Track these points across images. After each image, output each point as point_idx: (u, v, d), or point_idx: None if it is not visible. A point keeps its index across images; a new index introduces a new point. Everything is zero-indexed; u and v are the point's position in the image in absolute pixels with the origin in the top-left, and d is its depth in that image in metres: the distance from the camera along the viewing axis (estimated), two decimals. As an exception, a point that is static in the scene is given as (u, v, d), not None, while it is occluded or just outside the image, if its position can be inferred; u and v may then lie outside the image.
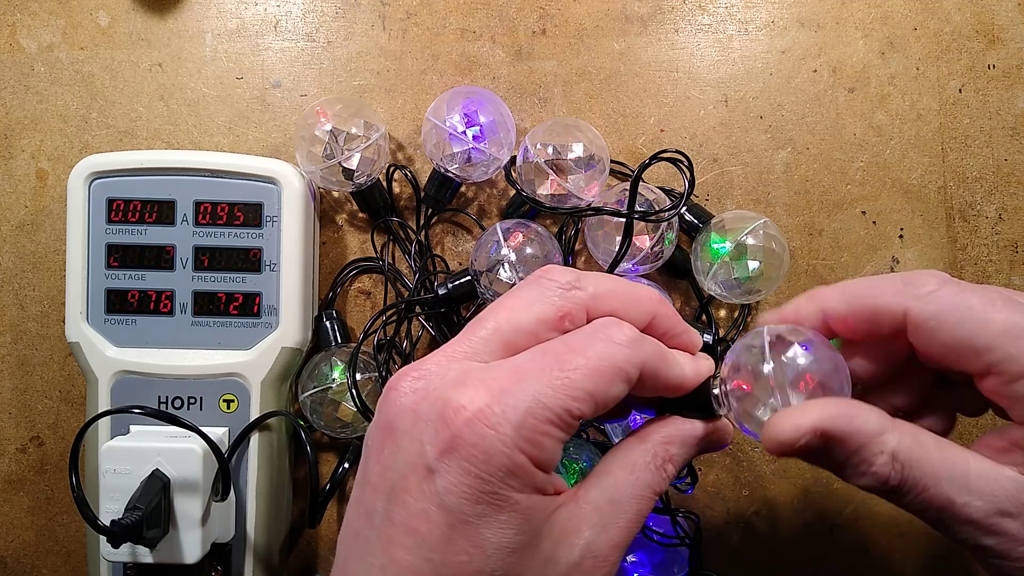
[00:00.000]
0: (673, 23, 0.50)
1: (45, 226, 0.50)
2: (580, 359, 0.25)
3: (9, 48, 0.50)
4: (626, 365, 0.26)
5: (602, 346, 0.26)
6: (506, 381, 0.25)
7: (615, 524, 0.26)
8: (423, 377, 0.26)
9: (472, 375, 0.25)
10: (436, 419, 0.24)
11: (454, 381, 0.25)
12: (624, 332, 0.27)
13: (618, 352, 0.26)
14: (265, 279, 0.45)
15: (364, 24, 0.50)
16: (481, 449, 0.23)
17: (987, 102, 0.49)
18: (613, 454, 0.28)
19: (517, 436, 0.24)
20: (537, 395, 0.24)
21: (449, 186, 0.47)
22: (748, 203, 0.49)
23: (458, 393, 0.24)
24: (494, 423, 0.24)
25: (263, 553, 0.45)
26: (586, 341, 0.26)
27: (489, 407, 0.24)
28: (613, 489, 0.27)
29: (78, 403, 0.49)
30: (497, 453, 0.23)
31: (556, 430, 0.25)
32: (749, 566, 0.48)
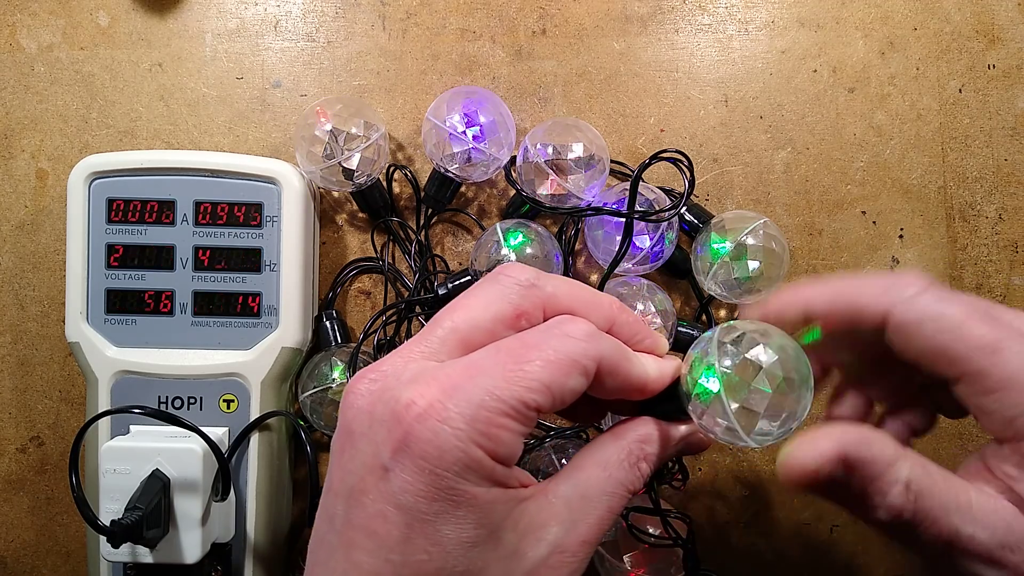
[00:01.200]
0: (673, 23, 0.50)
1: (45, 226, 0.50)
2: (534, 352, 0.25)
3: (9, 48, 0.50)
4: (582, 358, 0.26)
5: (557, 340, 0.26)
6: (459, 377, 0.24)
7: (584, 520, 0.26)
8: (379, 379, 0.26)
9: (426, 373, 0.25)
10: (389, 418, 0.24)
11: (408, 379, 0.25)
12: (580, 327, 0.26)
13: (573, 345, 0.26)
14: (265, 279, 0.45)
15: (364, 24, 0.50)
16: (434, 445, 0.23)
17: (987, 102, 0.49)
18: (587, 450, 0.28)
19: (471, 429, 0.23)
20: (491, 388, 0.24)
21: (449, 186, 0.47)
22: (748, 203, 0.49)
23: (410, 390, 0.24)
24: (446, 417, 0.23)
25: (263, 553, 0.45)
26: (541, 336, 0.26)
27: (441, 402, 0.24)
28: (585, 485, 0.27)
29: (78, 403, 0.49)
30: (451, 448, 0.23)
31: (512, 422, 0.24)
32: (749, 566, 0.48)
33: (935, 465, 0.26)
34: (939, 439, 0.49)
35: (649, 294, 0.45)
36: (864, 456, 0.25)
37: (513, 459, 0.25)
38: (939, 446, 0.49)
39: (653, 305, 0.44)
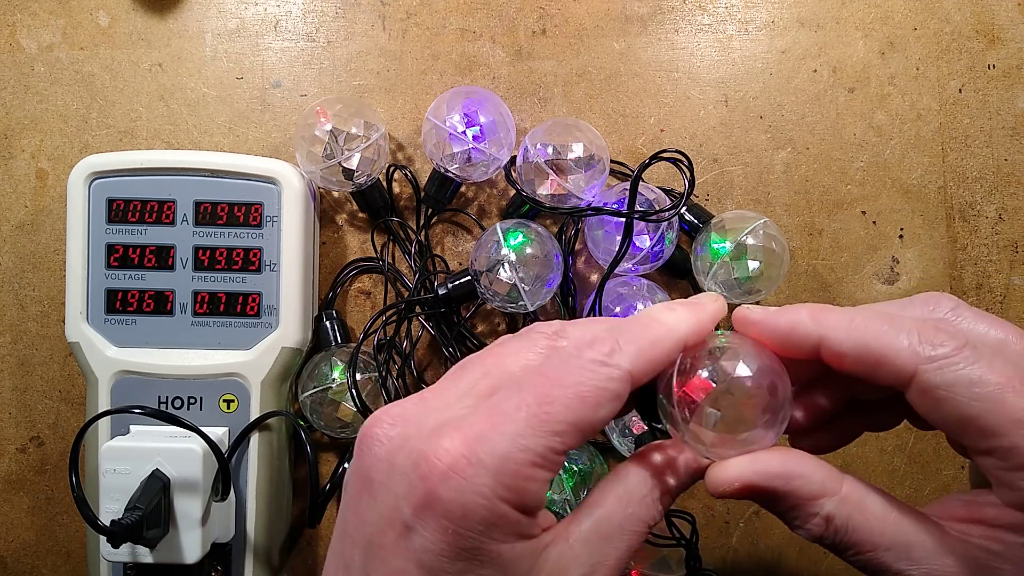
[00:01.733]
0: (673, 23, 0.50)
1: (45, 226, 0.50)
2: (557, 390, 0.24)
3: (9, 48, 0.50)
4: (609, 383, 0.24)
5: (579, 370, 0.24)
6: (483, 426, 0.23)
7: (604, 562, 0.25)
8: (398, 424, 0.25)
9: (449, 423, 0.24)
10: (411, 472, 0.23)
11: (431, 430, 0.24)
12: (603, 348, 0.25)
13: (596, 373, 0.24)
14: (265, 279, 0.45)
15: (364, 24, 0.50)
16: (458, 504, 0.22)
17: (987, 102, 0.49)
18: (608, 483, 0.27)
19: (497, 484, 0.22)
20: (515, 437, 0.23)
21: (449, 186, 0.47)
22: (748, 203, 0.49)
23: (433, 444, 0.23)
24: (471, 475, 0.22)
25: (263, 553, 0.45)
26: (562, 368, 0.24)
27: (465, 457, 0.22)
28: (605, 524, 0.26)
29: (78, 403, 0.49)
30: (475, 507, 0.22)
31: (540, 472, 0.23)
32: (749, 566, 0.48)
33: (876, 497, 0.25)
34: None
35: (649, 294, 0.45)
36: (783, 491, 0.25)
37: (541, 507, 0.24)
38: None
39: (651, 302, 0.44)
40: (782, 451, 0.26)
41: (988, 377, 0.23)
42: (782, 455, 0.26)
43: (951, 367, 0.23)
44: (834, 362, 0.26)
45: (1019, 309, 0.49)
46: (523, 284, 0.43)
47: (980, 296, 0.49)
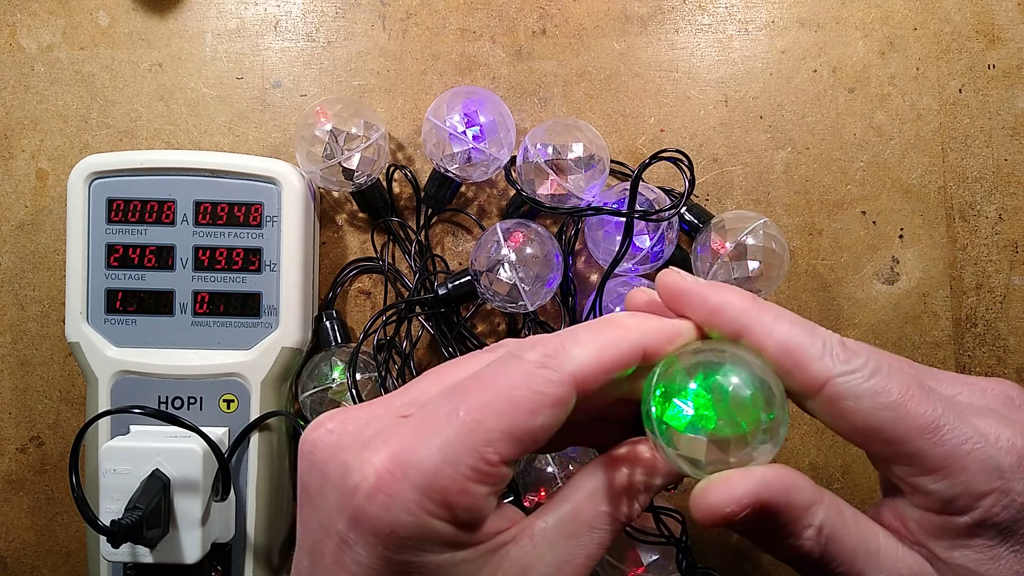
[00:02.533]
0: (673, 23, 0.50)
1: (45, 226, 0.50)
2: (490, 394, 0.22)
3: (9, 48, 0.50)
4: (547, 387, 0.22)
5: (514, 374, 0.22)
6: (411, 437, 0.22)
7: (571, 561, 0.24)
8: (336, 431, 0.24)
9: (379, 436, 0.23)
10: (340, 486, 0.22)
11: (363, 442, 0.23)
12: (543, 349, 0.23)
13: (534, 376, 0.22)
14: (265, 279, 0.45)
15: (364, 24, 0.50)
16: (384, 522, 0.21)
17: (987, 102, 0.49)
18: (579, 478, 0.25)
19: (424, 500, 0.21)
20: (443, 449, 0.21)
21: (449, 186, 0.47)
22: (748, 203, 0.49)
23: (359, 459, 0.22)
24: (396, 491, 0.21)
25: (263, 553, 0.45)
26: (498, 371, 0.23)
27: (390, 473, 0.21)
28: (573, 521, 0.24)
29: (78, 403, 0.49)
30: (403, 524, 0.21)
31: (475, 485, 0.22)
32: (749, 565, 0.48)
33: (847, 506, 0.25)
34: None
35: (649, 294, 0.45)
36: (782, 502, 0.23)
37: (481, 519, 0.23)
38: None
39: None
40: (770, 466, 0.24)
41: (891, 388, 0.23)
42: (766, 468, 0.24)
43: (859, 380, 0.23)
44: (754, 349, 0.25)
45: (1019, 309, 0.49)
46: (523, 284, 0.43)
47: (980, 296, 0.49)
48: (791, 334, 0.24)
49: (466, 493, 0.22)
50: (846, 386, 0.23)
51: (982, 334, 0.49)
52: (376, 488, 0.22)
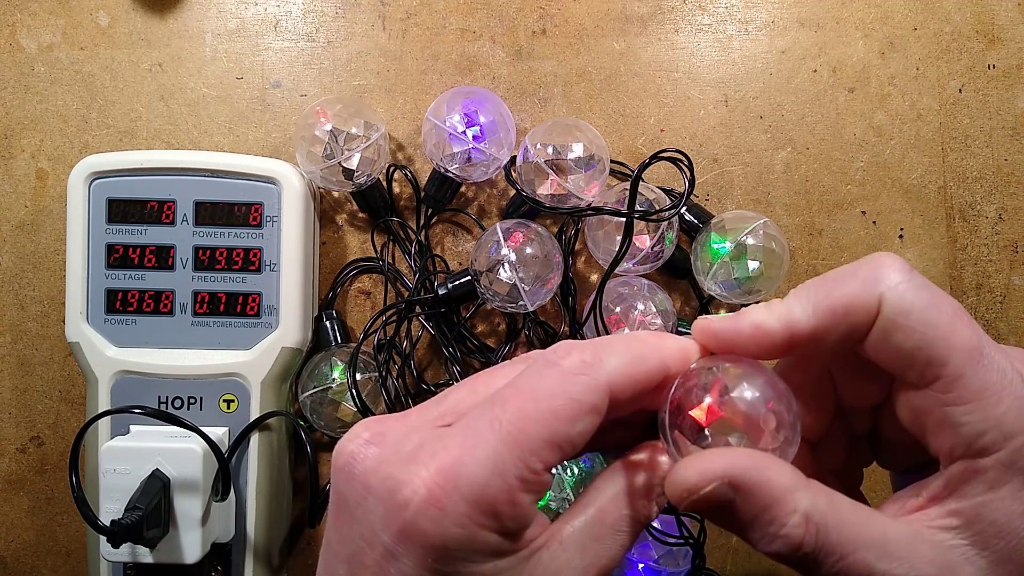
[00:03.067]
0: (673, 23, 0.50)
1: (45, 226, 0.50)
2: (530, 404, 0.23)
3: (9, 48, 0.50)
4: (585, 396, 0.23)
5: (553, 381, 0.23)
6: (458, 450, 0.22)
7: (598, 563, 0.24)
8: (375, 442, 0.24)
9: (425, 447, 0.23)
10: (387, 500, 0.23)
11: (407, 455, 0.23)
12: (579, 356, 0.23)
13: (574, 384, 0.23)
14: (265, 279, 0.45)
15: (364, 24, 0.50)
16: (435, 535, 0.22)
17: (987, 102, 0.49)
18: (601, 483, 0.26)
19: (474, 512, 0.22)
20: (491, 460, 0.22)
21: (449, 186, 0.47)
22: (748, 203, 0.49)
23: (408, 473, 0.22)
24: (446, 505, 0.22)
25: (263, 553, 0.45)
26: (535, 379, 0.23)
27: (441, 487, 0.22)
28: (598, 525, 0.25)
29: (78, 403, 0.49)
30: (453, 536, 0.22)
31: (521, 494, 0.22)
32: (749, 565, 0.48)
33: (842, 496, 0.24)
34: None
35: (649, 294, 0.45)
36: (754, 480, 0.23)
37: (526, 526, 0.23)
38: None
39: (653, 305, 0.44)
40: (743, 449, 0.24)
41: (941, 305, 0.23)
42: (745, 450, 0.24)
43: (910, 293, 0.23)
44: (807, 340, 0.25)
45: (1019, 309, 0.49)
46: (523, 284, 0.43)
47: (980, 296, 0.49)
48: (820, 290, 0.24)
49: (514, 503, 0.22)
50: (900, 299, 0.23)
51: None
52: (427, 503, 0.22)
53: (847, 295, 0.24)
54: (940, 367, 0.23)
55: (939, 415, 0.23)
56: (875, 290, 0.24)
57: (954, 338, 0.23)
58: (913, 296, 0.23)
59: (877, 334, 0.24)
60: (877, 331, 0.24)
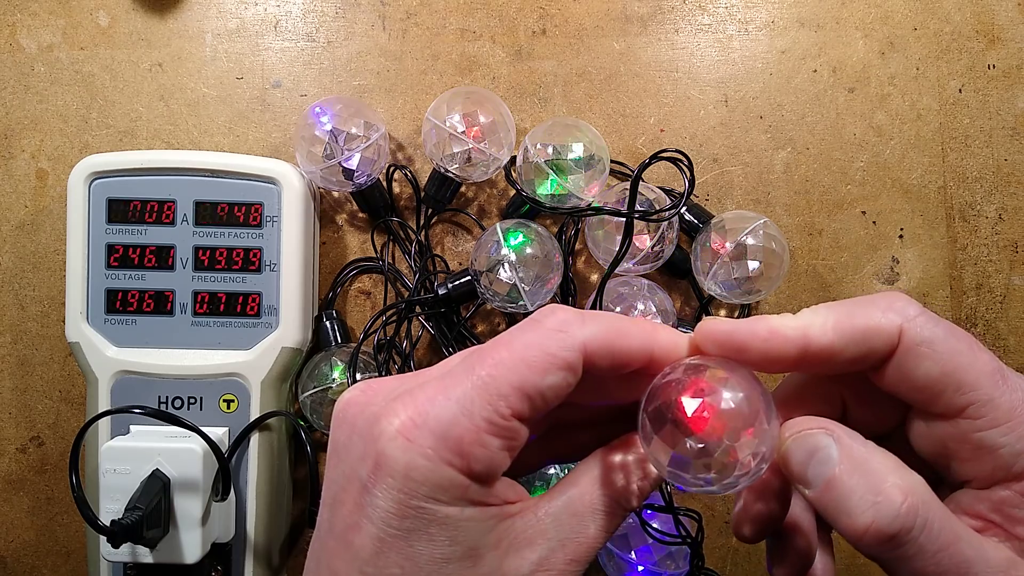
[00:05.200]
0: (673, 23, 0.50)
1: (45, 226, 0.50)
2: (505, 353, 0.24)
3: (9, 48, 0.50)
4: (559, 350, 0.24)
5: (530, 334, 0.24)
6: (433, 390, 0.24)
7: (574, 539, 0.25)
8: (367, 392, 0.26)
9: (407, 392, 0.24)
10: (366, 435, 0.24)
11: (391, 398, 0.24)
12: (560, 315, 0.24)
13: (548, 337, 0.24)
14: (265, 279, 0.45)
15: (364, 24, 0.50)
16: (402, 464, 0.23)
17: (987, 102, 0.49)
18: (584, 464, 0.27)
19: (440, 446, 0.23)
20: (461, 400, 0.23)
21: (449, 186, 0.47)
22: (748, 203, 0.49)
23: (387, 409, 0.24)
24: (415, 437, 0.23)
25: (263, 553, 0.45)
26: (514, 333, 0.24)
27: (412, 420, 0.23)
28: (577, 502, 0.25)
29: (78, 403, 0.49)
30: (419, 468, 0.23)
31: (489, 437, 0.23)
32: (749, 566, 0.48)
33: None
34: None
35: (649, 294, 0.45)
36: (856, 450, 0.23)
37: (494, 474, 0.24)
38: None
39: (653, 305, 0.44)
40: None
41: (958, 334, 0.24)
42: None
43: (930, 324, 0.24)
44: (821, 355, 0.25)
45: (1019, 309, 0.49)
46: (523, 284, 0.43)
47: (980, 296, 0.49)
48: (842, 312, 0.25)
49: (480, 444, 0.23)
50: (921, 329, 0.24)
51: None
52: (399, 432, 0.23)
53: (869, 319, 0.24)
54: (970, 391, 0.23)
55: (974, 441, 0.24)
56: (896, 320, 0.24)
57: (979, 364, 0.23)
58: (934, 326, 0.24)
59: (899, 365, 0.24)
60: (899, 361, 0.24)
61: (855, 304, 0.25)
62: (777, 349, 0.25)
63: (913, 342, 0.24)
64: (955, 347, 0.24)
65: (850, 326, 0.24)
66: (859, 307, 0.25)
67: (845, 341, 0.24)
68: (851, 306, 0.25)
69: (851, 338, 0.24)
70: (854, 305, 0.25)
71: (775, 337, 0.25)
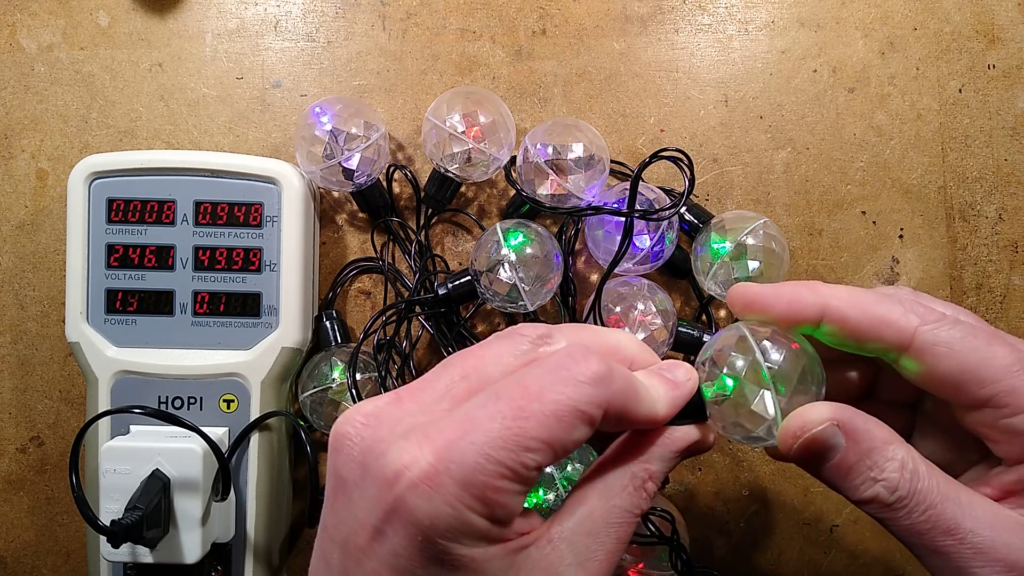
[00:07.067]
0: (673, 23, 0.50)
1: (45, 226, 0.50)
2: (535, 404, 0.23)
3: (9, 48, 0.50)
4: (588, 407, 0.24)
5: (561, 386, 0.24)
6: (453, 433, 0.23)
7: (593, 558, 0.25)
8: (370, 424, 0.25)
9: (419, 429, 0.24)
10: (380, 477, 0.23)
11: (401, 434, 0.24)
12: (590, 367, 0.24)
13: (577, 392, 0.24)
14: (265, 279, 0.45)
15: (364, 24, 0.50)
16: (425, 513, 0.22)
17: (987, 102, 0.49)
18: (588, 480, 0.27)
19: (463, 494, 0.22)
20: (485, 448, 0.22)
21: (449, 186, 0.47)
22: (748, 203, 0.49)
23: (401, 451, 0.23)
24: (437, 484, 0.22)
25: (263, 553, 0.45)
26: (544, 380, 0.24)
27: (433, 466, 0.22)
28: (588, 520, 0.25)
29: (78, 403, 0.49)
30: (443, 515, 0.22)
31: (510, 484, 0.23)
32: (749, 566, 0.48)
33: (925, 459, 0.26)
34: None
35: (649, 294, 0.45)
36: (859, 427, 0.26)
37: (513, 517, 0.24)
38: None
39: (653, 305, 0.44)
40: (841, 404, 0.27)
41: (977, 332, 0.26)
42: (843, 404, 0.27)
43: (947, 326, 0.26)
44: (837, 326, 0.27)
45: (1019, 309, 0.49)
46: (523, 284, 0.43)
47: (980, 296, 0.49)
48: (866, 299, 0.27)
49: (503, 491, 0.23)
50: (937, 333, 0.26)
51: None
52: (419, 480, 0.22)
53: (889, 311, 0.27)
54: (991, 384, 0.25)
55: (1001, 427, 0.26)
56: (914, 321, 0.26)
57: (997, 358, 0.26)
58: (951, 328, 0.26)
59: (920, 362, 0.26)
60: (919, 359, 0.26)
61: (882, 293, 0.28)
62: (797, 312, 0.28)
63: (929, 343, 0.26)
64: (972, 345, 0.26)
65: (871, 311, 0.27)
66: (885, 299, 0.27)
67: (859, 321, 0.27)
68: (878, 295, 0.27)
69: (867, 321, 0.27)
70: (881, 295, 0.27)
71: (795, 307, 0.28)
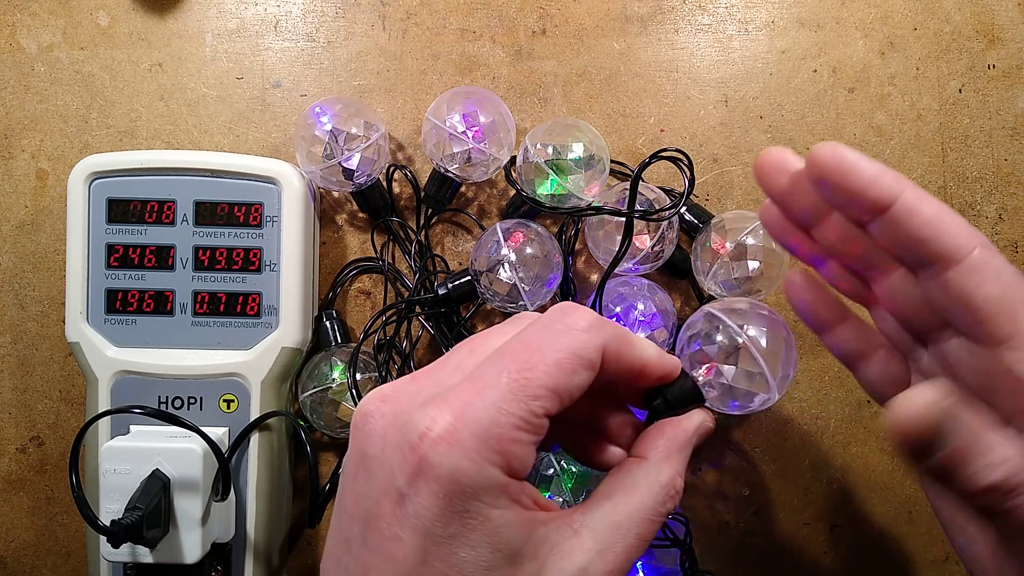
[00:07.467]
0: (673, 23, 0.50)
1: (45, 226, 0.50)
2: (536, 355, 0.25)
3: (9, 48, 0.50)
4: (586, 352, 0.26)
5: (559, 337, 0.26)
6: (467, 394, 0.25)
7: (612, 549, 0.26)
8: (389, 401, 0.26)
9: (437, 396, 0.25)
10: (403, 444, 0.24)
11: (420, 403, 0.25)
12: (583, 317, 0.27)
13: (576, 340, 0.26)
14: (265, 279, 0.45)
15: (364, 24, 0.50)
16: (447, 468, 0.23)
17: (987, 102, 0.49)
18: (614, 475, 0.28)
19: (483, 447, 0.24)
20: (498, 402, 0.24)
21: (449, 186, 0.47)
22: (748, 203, 0.49)
23: (422, 415, 0.24)
24: (458, 439, 0.24)
25: (263, 553, 0.45)
26: (542, 335, 0.26)
27: (452, 424, 0.24)
28: (612, 513, 0.26)
29: (78, 403, 0.49)
30: (464, 469, 0.23)
31: (524, 434, 0.25)
32: (749, 566, 0.48)
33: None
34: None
35: (649, 294, 0.45)
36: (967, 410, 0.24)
37: (527, 469, 0.25)
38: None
39: (653, 305, 0.44)
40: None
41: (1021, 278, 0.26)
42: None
43: (1001, 257, 0.26)
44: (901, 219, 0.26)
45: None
46: (523, 284, 0.43)
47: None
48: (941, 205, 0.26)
49: (517, 441, 0.24)
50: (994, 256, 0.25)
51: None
52: (441, 438, 0.24)
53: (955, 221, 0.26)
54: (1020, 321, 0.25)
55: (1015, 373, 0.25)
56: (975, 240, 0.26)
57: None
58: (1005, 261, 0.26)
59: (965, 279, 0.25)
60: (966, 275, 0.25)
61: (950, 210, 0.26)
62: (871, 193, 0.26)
63: (984, 261, 0.25)
64: (1018, 281, 0.25)
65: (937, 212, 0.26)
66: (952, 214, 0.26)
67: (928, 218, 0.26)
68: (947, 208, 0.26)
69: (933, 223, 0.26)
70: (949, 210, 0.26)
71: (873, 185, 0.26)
